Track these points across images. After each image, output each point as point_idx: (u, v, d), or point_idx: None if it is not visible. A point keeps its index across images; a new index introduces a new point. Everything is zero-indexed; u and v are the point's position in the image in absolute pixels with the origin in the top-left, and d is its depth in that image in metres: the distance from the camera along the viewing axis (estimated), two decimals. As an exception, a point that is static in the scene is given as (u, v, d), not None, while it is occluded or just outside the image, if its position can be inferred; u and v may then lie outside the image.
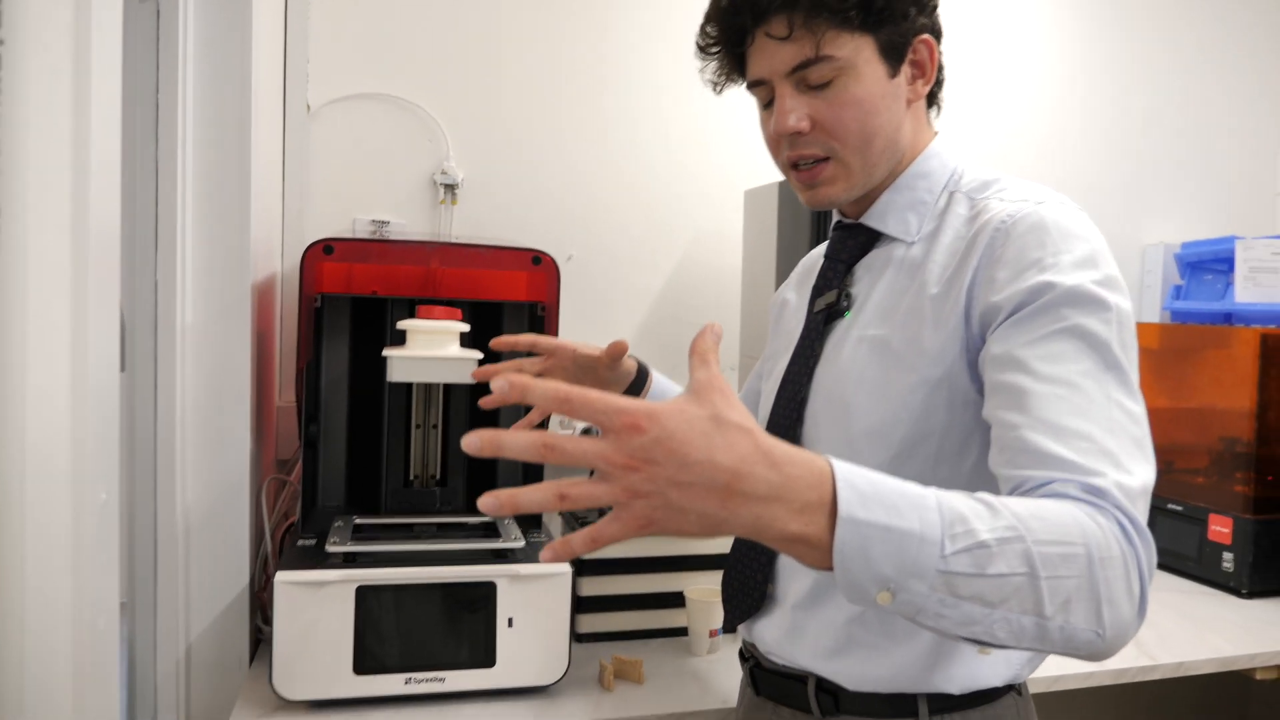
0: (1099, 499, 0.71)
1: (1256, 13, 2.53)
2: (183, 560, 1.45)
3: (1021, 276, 0.83)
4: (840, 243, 1.05)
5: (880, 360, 0.94)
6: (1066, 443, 0.74)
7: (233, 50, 1.44)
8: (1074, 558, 0.67)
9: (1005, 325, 0.83)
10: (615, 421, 0.58)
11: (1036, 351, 0.80)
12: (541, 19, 2.00)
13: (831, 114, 0.94)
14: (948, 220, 0.96)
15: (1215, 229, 2.50)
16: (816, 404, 0.99)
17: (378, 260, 1.60)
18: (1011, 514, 0.66)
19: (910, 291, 0.94)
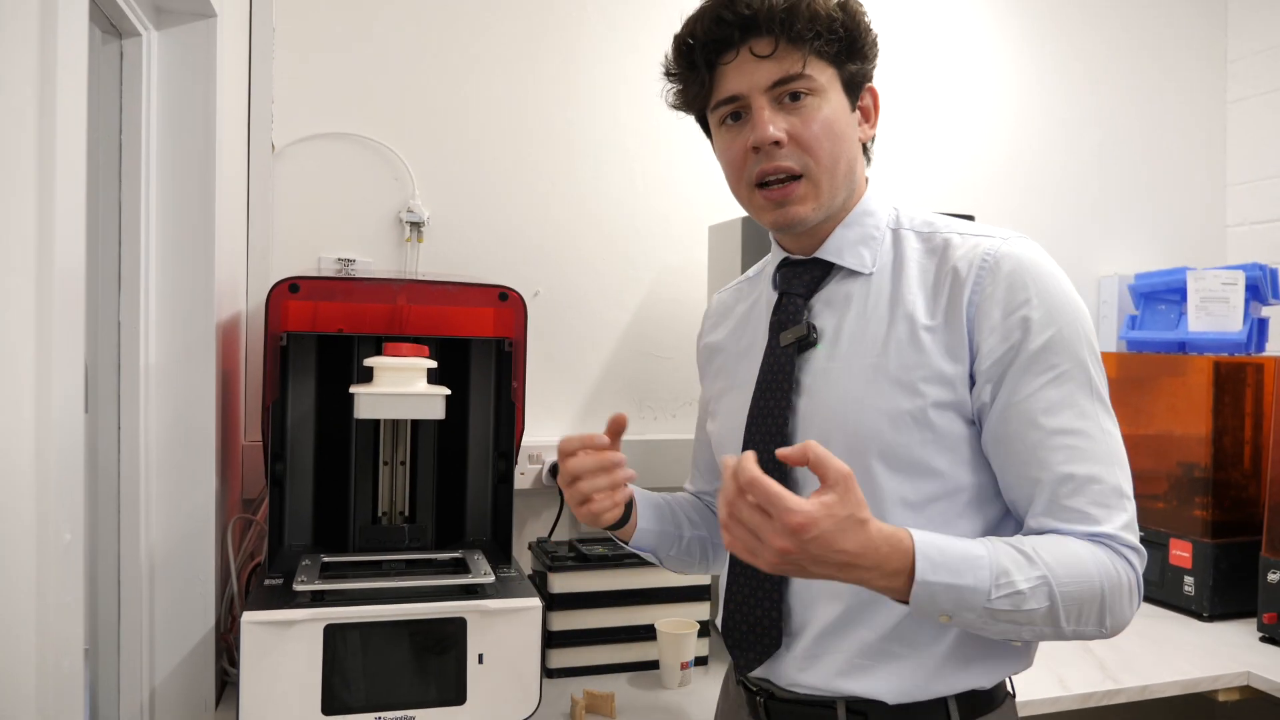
0: (1110, 543, 0.92)
1: (1202, 55, 2.62)
2: (147, 602, 1.42)
3: (1012, 318, 0.94)
4: (794, 278, 1.07)
5: (878, 387, 0.97)
6: (1081, 493, 0.93)
7: (196, 91, 1.44)
8: (1089, 591, 0.90)
9: (1006, 375, 0.94)
10: (786, 517, 0.79)
11: (1039, 404, 0.94)
12: (505, 57, 2.03)
13: (807, 130, 0.98)
14: (903, 254, 1.03)
15: (1168, 260, 2.56)
16: (809, 434, 1.00)
17: (343, 298, 1.60)
18: (1043, 563, 0.88)
19: (895, 321, 0.99)
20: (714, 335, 1.21)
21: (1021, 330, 0.94)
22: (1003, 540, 0.91)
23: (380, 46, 1.95)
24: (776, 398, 1.03)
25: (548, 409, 2.05)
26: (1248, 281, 2.14)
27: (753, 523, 0.81)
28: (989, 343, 0.95)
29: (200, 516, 1.47)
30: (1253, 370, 2.09)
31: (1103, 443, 0.94)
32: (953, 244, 1.00)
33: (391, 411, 1.45)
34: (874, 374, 0.98)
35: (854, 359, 1.00)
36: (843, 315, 1.03)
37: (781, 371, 1.04)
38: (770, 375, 1.05)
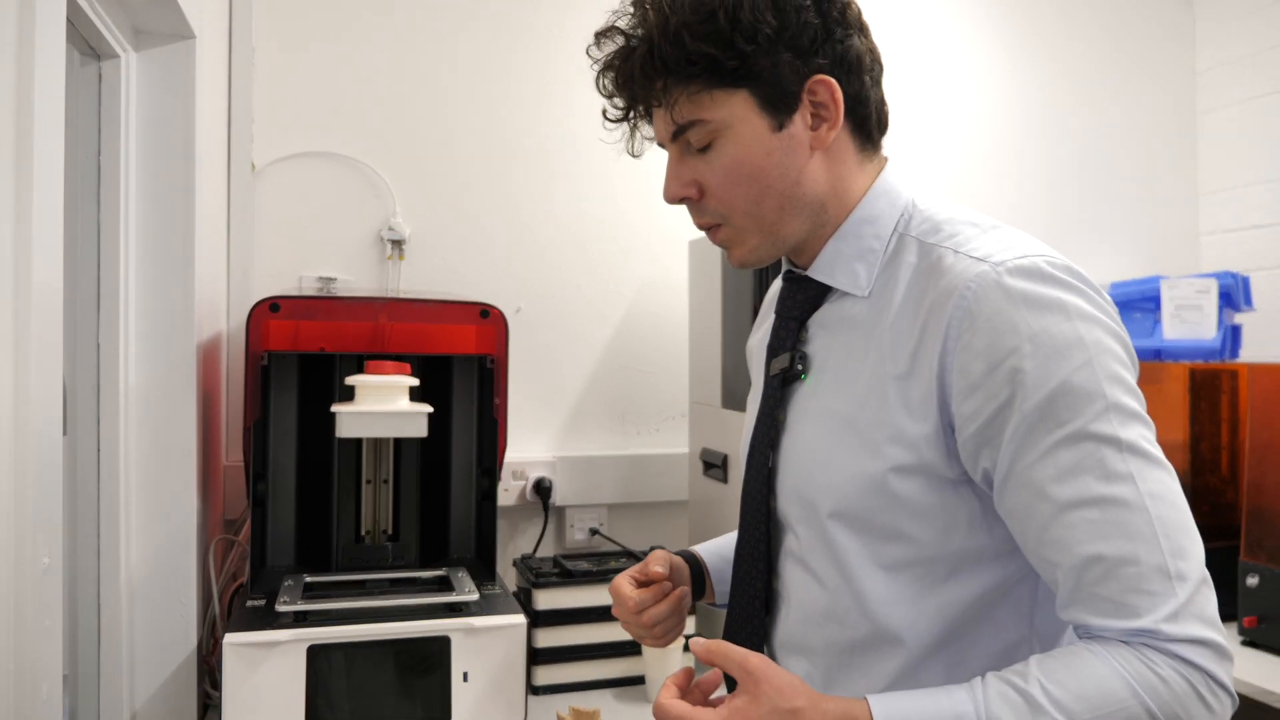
0: (1153, 642, 0.73)
1: (1172, 66, 2.66)
2: (127, 624, 1.41)
3: (999, 372, 0.77)
4: (790, 297, 0.96)
5: (845, 441, 0.86)
6: (1112, 578, 0.74)
7: (176, 112, 1.45)
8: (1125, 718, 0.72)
9: (1003, 438, 0.78)
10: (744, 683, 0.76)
11: (1048, 472, 0.76)
12: (485, 74, 2.04)
13: (714, 178, 0.88)
14: (897, 271, 0.88)
15: (1142, 269, 2.60)
16: (785, 480, 0.93)
17: (325, 317, 1.60)
18: (1053, 704, 0.71)
19: (868, 362, 0.86)
20: (755, 334, 1.13)
21: (1011, 387, 0.77)
22: (1001, 678, 0.74)
23: (360, 66, 1.96)
24: (764, 431, 0.95)
25: (531, 425, 2.05)
26: (1221, 289, 2.17)
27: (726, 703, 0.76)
28: (971, 403, 0.79)
29: (181, 538, 1.46)
30: (1228, 377, 2.12)
31: (1141, 510, 0.75)
32: (944, 265, 0.83)
33: (374, 430, 1.44)
34: (843, 426, 0.87)
35: (829, 400, 0.89)
36: (832, 345, 0.91)
37: (769, 403, 0.95)
38: (764, 404, 0.96)
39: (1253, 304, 2.25)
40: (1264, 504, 1.92)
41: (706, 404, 1.89)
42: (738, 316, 1.75)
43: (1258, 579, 1.88)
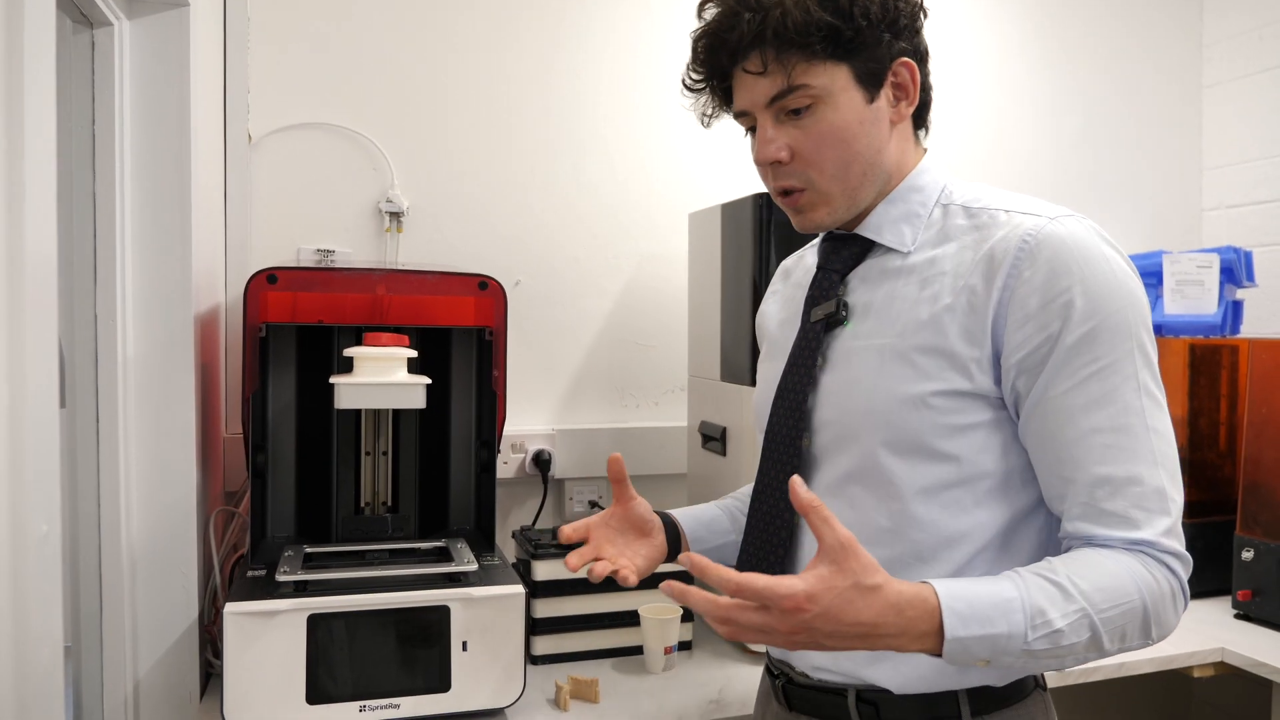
0: (1152, 551, 0.87)
1: (1177, 40, 2.64)
2: (129, 596, 1.42)
3: (1052, 307, 0.88)
4: (833, 253, 1.06)
5: (895, 370, 0.95)
6: (1120, 495, 0.87)
7: (170, 81, 1.43)
8: (1131, 611, 0.85)
9: (1044, 367, 0.89)
10: (782, 604, 0.77)
11: (1078, 400, 0.88)
12: (484, 45, 2.03)
13: (809, 143, 0.97)
14: (947, 231, 0.99)
15: (1145, 244, 2.59)
16: (827, 413, 1.00)
17: (323, 289, 1.60)
18: (1080, 593, 0.84)
19: (918, 301, 0.96)
20: (769, 302, 1.22)
21: (1061, 320, 0.88)
22: (1035, 573, 0.86)
23: (358, 35, 1.94)
24: (801, 374, 1.02)
25: (530, 397, 2.05)
26: (1222, 264, 2.17)
27: (755, 622, 0.79)
28: (1023, 332, 0.90)
29: (181, 509, 1.47)
30: (1228, 352, 2.12)
31: (1146, 441, 0.87)
32: (998, 221, 0.95)
33: (372, 401, 1.44)
34: (889, 354, 0.96)
35: (875, 338, 0.98)
36: (875, 293, 1.01)
37: (809, 347, 1.03)
38: (800, 350, 1.04)
39: (1255, 279, 2.24)
40: (1261, 479, 1.92)
41: (705, 377, 1.89)
42: (737, 290, 1.75)
43: (1253, 553, 1.88)
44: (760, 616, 0.79)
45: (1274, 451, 1.91)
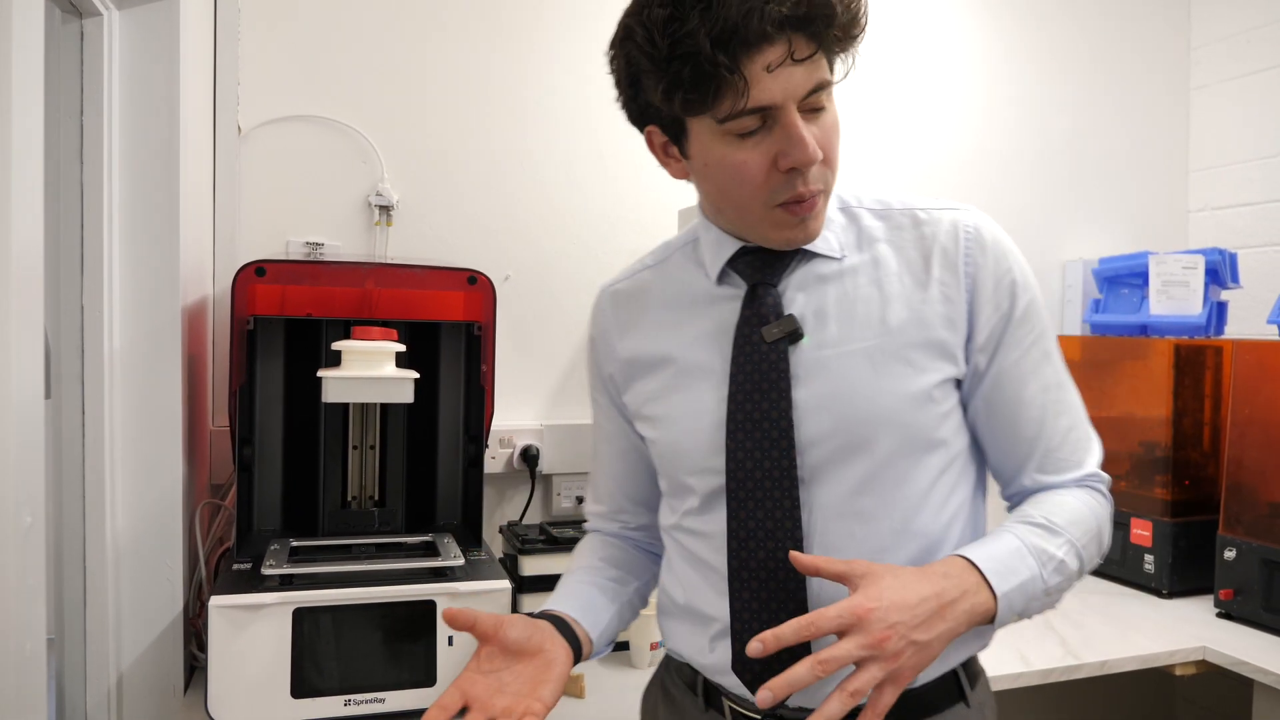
0: (1095, 483, 1.01)
1: (1165, 43, 2.65)
2: (113, 588, 1.42)
3: (1001, 288, 0.97)
4: (764, 266, 0.99)
5: (890, 369, 0.94)
6: (1067, 442, 1.00)
7: (159, 71, 1.43)
8: (1094, 536, 0.97)
9: (997, 341, 0.97)
10: (849, 620, 0.80)
11: (1025, 368, 0.98)
12: (473, 39, 2.02)
13: (829, 144, 0.90)
14: (866, 233, 0.99)
15: (1132, 245, 2.60)
16: (816, 430, 0.94)
17: (311, 282, 1.59)
18: (1060, 527, 0.94)
19: (892, 300, 0.96)
20: (633, 334, 1.08)
21: (1010, 298, 0.96)
22: (1019, 521, 0.96)
23: (349, 28, 1.94)
24: (772, 396, 0.94)
25: (519, 393, 2.05)
26: (1207, 266, 2.18)
27: (850, 651, 0.80)
28: (984, 313, 0.96)
29: (167, 502, 1.46)
30: (1212, 353, 2.13)
31: (1071, 392, 1.01)
32: (922, 220, 0.98)
33: (359, 395, 1.44)
34: (879, 356, 0.94)
35: (850, 343, 0.95)
36: (821, 300, 0.97)
37: (774, 368, 0.95)
38: (756, 372, 0.96)
39: (1239, 281, 2.26)
40: (1243, 479, 1.94)
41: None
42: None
43: (1235, 552, 1.90)
44: (850, 643, 0.80)
45: (1257, 452, 1.93)
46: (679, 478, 1.02)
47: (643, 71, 0.89)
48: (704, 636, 1.01)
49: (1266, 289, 2.34)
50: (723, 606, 0.98)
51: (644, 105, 0.93)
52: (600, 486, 1.19)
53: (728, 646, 0.98)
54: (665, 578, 1.09)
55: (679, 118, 0.91)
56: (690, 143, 0.93)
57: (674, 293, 1.06)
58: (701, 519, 1.01)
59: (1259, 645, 1.75)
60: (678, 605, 1.05)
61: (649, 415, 1.05)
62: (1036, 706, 2.34)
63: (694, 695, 1.05)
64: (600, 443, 1.17)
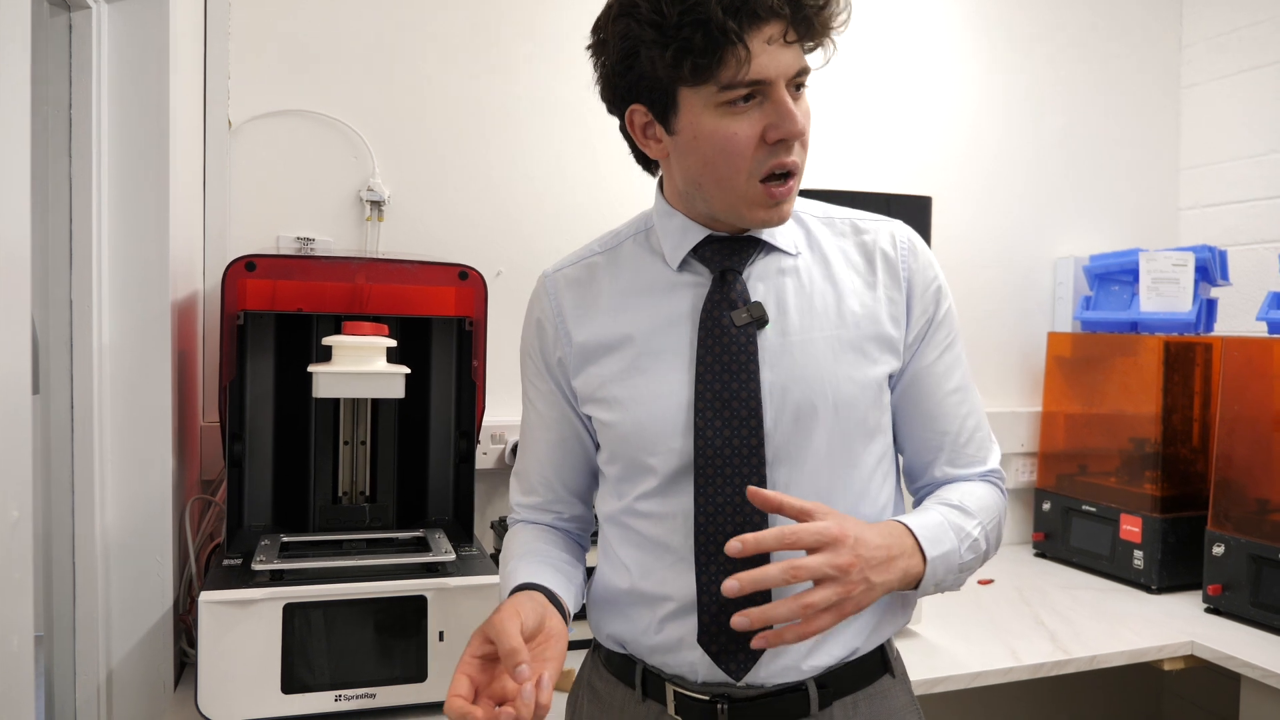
0: (996, 479, 1.10)
1: (1156, 42, 2.66)
2: (103, 584, 1.41)
3: (929, 293, 1.07)
4: (732, 254, 1.03)
5: (847, 358, 1.02)
6: (973, 440, 1.09)
7: (149, 65, 1.42)
8: (997, 524, 1.07)
9: (922, 341, 1.06)
10: (826, 539, 0.88)
11: (942, 366, 1.07)
12: (466, 34, 2.02)
13: (807, 125, 0.96)
14: (815, 236, 1.08)
15: (1123, 242, 2.61)
16: (784, 410, 0.99)
17: (302, 277, 1.59)
18: (973, 510, 1.03)
19: (847, 295, 1.04)
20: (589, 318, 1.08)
21: (935, 303, 1.07)
22: (939, 502, 1.04)
23: (339, 23, 1.93)
24: (741, 378, 0.99)
25: (510, 388, 2.03)
26: (1197, 263, 2.19)
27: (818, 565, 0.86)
28: (914, 314, 1.06)
29: (157, 498, 1.46)
30: (1201, 350, 2.14)
31: (974, 393, 1.10)
32: (862, 228, 1.08)
33: (350, 390, 1.44)
34: (837, 345, 1.01)
35: (811, 332, 1.02)
36: (781, 290, 1.03)
37: (743, 350, 1.00)
38: (726, 354, 1.00)
39: (1229, 278, 2.27)
40: (1232, 476, 1.95)
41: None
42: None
43: (1223, 548, 1.91)
44: (821, 559, 0.86)
45: (1245, 449, 1.94)
46: (640, 459, 1.03)
47: (643, 43, 0.92)
48: (651, 618, 1.03)
49: (1256, 286, 2.35)
50: (680, 585, 1.01)
51: (634, 81, 0.96)
52: (533, 477, 1.17)
53: (681, 625, 1.01)
54: (603, 568, 1.10)
55: (670, 91, 0.94)
56: (679, 116, 0.96)
57: (629, 279, 1.08)
58: (661, 500, 1.02)
59: (1246, 640, 1.76)
60: (620, 591, 1.06)
61: (606, 398, 1.05)
62: (1027, 701, 2.35)
63: (629, 687, 1.06)
64: (535, 430, 1.15)
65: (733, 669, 0.99)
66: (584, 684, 1.15)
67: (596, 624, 1.11)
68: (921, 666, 1.58)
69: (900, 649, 1.14)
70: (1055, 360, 2.44)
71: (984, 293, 2.45)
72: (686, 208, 1.04)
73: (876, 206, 1.16)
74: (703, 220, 1.04)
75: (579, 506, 1.18)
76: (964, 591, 2.04)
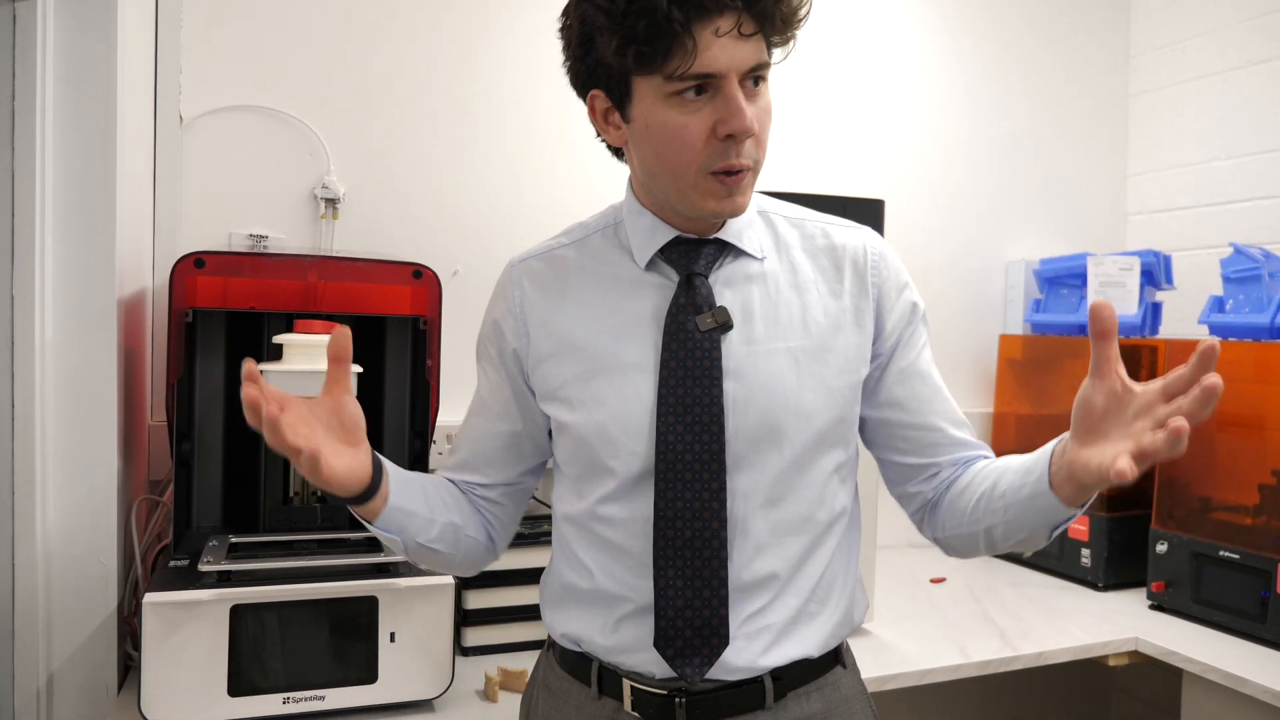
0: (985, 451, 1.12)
1: (1106, 50, 2.71)
2: (43, 586, 1.38)
3: (902, 298, 1.08)
4: (696, 257, 1.02)
5: (812, 368, 1.02)
6: (960, 426, 1.10)
7: (96, 57, 1.40)
8: None
9: (898, 343, 1.07)
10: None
11: (921, 366, 1.09)
12: (421, 30, 2.00)
13: (763, 122, 0.95)
14: (783, 240, 1.07)
15: (1072, 246, 2.66)
16: (743, 421, 0.99)
17: (253, 274, 1.57)
18: None
19: (812, 305, 1.04)
20: (553, 313, 1.06)
21: (909, 307, 1.09)
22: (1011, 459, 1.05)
23: (294, 18, 1.91)
24: (704, 383, 0.98)
25: (465, 388, 2.03)
26: (1143, 267, 2.24)
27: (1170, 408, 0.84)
28: (890, 320, 1.07)
29: (101, 498, 1.43)
30: (1147, 352, 2.19)
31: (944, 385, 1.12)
32: (833, 234, 1.08)
33: (300, 389, 1.41)
34: (802, 355, 1.02)
35: (775, 341, 1.01)
36: (747, 297, 1.03)
37: (707, 356, 0.98)
38: (690, 359, 0.99)
39: (1173, 282, 2.32)
40: (1175, 475, 1.99)
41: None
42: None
43: (1166, 546, 1.95)
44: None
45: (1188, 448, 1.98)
46: (600, 461, 1.01)
47: (597, 29, 0.92)
48: (609, 618, 1.03)
49: (1199, 290, 2.41)
50: (639, 587, 1.01)
51: (592, 66, 0.96)
52: (462, 451, 1.15)
53: (637, 626, 1.01)
54: (560, 567, 1.09)
55: (626, 78, 0.94)
56: (633, 105, 0.95)
57: (596, 273, 1.06)
58: (620, 504, 1.02)
59: (1188, 635, 1.80)
60: (580, 591, 1.05)
61: (567, 398, 1.04)
62: (980, 698, 2.39)
63: (585, 685, 1.06)
64: (476, 416, 1.14)
65: (688, 673, 0.99)
66: (539, 683, 1.14)
67: (551, 622, 1.10)
68: (873, 664, 1.60)
69: (852, 645, 1.14)
70: (1006, 362, 2.48)
71: (936, 296, 2.48)
72: (651, 201, 1.04)
73: (830, 209, 1.16)
74: (670, 217, 1.03)
75: (496, 491, 1.14)
76: (916, 590, 2.07)
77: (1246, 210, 2.42)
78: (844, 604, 1.07)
